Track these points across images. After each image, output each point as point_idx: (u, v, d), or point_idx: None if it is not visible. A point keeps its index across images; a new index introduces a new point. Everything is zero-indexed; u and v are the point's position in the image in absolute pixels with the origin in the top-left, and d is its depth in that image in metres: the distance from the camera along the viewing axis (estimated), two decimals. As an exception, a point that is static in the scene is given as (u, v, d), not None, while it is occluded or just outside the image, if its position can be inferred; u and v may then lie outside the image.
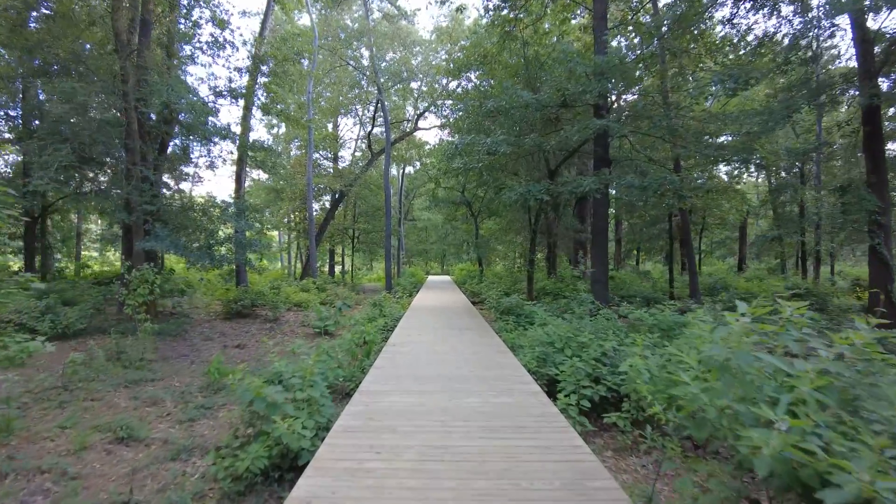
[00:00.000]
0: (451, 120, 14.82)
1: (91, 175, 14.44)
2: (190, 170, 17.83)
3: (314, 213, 31.37)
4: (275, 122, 31.76)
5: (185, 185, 21.56)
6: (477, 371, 6.23)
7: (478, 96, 12.68)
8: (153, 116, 13.30)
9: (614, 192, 14.31)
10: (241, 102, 17.61)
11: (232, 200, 15.16)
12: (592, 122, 9.80)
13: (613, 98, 12.27)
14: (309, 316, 14.16)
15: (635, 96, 13.72)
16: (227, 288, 17.95)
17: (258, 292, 15.46)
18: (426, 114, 29.23)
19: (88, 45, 14.64)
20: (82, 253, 25.25)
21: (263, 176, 33.20)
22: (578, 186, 10.02)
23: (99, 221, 27.91)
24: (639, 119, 11.01)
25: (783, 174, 27.36)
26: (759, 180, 34.74)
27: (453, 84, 20.90)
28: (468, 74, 15.78)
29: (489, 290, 19.18)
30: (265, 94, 17.83)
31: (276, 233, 43.59)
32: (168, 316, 14.74)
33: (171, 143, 15.66)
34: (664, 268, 35.56)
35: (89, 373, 7.64)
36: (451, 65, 14.92)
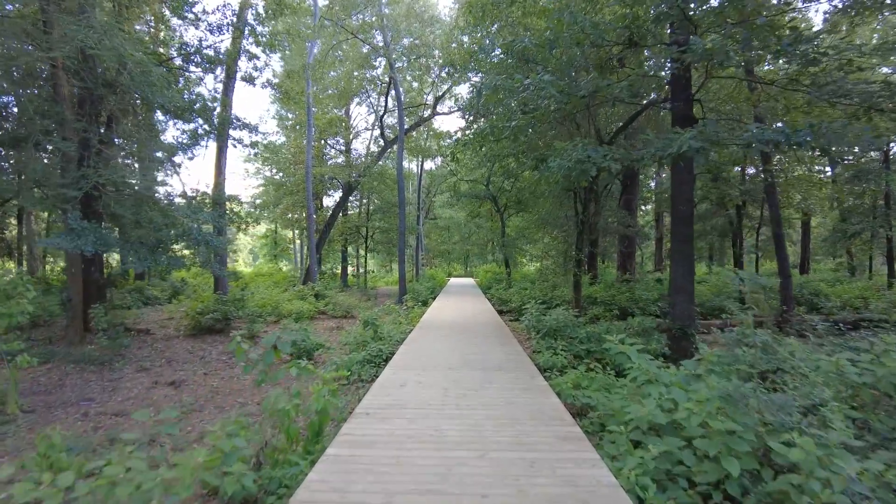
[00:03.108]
0: (469, 80, 11.12)
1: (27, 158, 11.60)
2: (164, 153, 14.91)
3: (317, 210, 28.51)
4: (284, 113, 28.90)
5: (175, 179, 18.77)
6: None
7: (506, 39, 9.14)
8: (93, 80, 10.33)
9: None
10: (221, 73, 14.67)
11: (193, 193, 12.09)
12: (698, 42, 6.26)
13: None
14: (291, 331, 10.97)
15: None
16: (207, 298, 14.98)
17: (234, 302, 12.38)
18: (445, 97, 25.87)
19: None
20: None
21: (267, 172, 30.57)
22: (667, 147, 6.50)
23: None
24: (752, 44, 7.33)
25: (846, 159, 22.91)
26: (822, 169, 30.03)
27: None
28: (491, 28, 12.29)
29: (520, 297, 15.72)
30: (249, 59, 14.74)
31: (289, 232, 41.06)
32: (125, 333, 11.84)
33: (131, 120, 12.72)
34: (708, 269, 31.34)
35: None
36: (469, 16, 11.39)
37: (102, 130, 11.06)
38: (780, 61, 10.36)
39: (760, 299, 15.83)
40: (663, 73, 9.08)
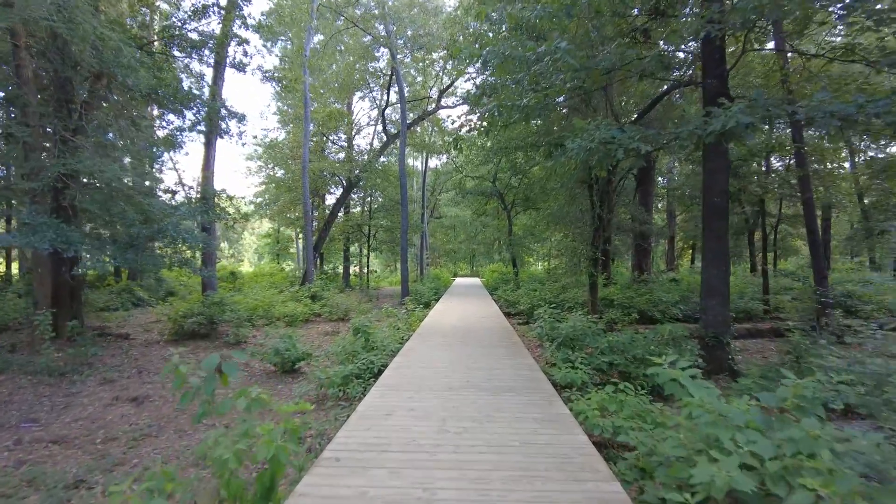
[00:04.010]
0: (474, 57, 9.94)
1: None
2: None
3: (318, 207, 27.49)
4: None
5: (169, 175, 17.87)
6: None
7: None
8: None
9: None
10: (209, 57, 13.70)
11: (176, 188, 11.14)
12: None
13: None
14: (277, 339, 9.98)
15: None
16: (195, 300, 14.04)
17: (216, 304, 11.40)
18: (450, 90, 24.82)
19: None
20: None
21: (269, 170, 29.58)
22: (708, 125, 5.43)
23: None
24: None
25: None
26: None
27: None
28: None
29: (529, 299, 14.64)
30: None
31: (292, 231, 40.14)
32: (100, 338, 10.94)
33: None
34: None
35: None
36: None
37: (74, 118, 10.13)
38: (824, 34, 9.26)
39: (784, 301, 14.67)
40: (693, 46, 8.01)
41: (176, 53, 12.47)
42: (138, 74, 9.12)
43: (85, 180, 9.79)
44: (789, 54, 9.69)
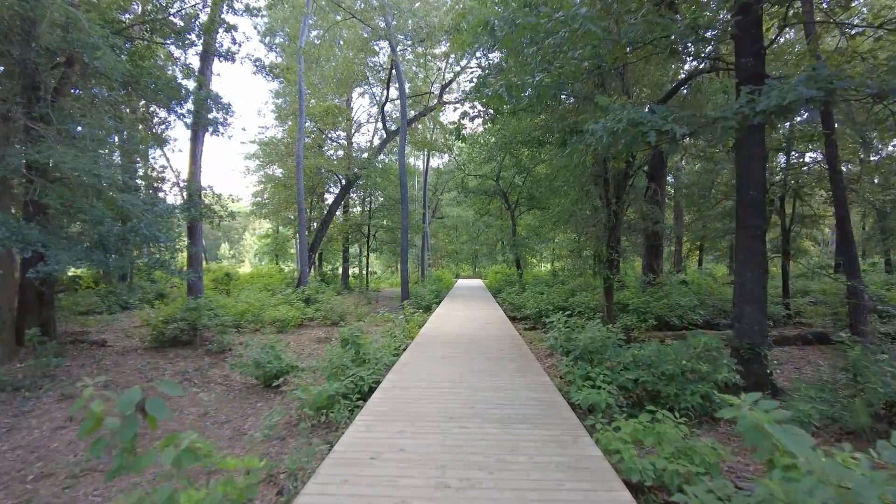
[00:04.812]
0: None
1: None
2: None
3: (316, 205, 26.59)
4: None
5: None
6: None
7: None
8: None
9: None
10: (198, 42, 12.85)
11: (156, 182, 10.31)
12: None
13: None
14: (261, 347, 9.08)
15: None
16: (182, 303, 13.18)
17: (193, 310, 10.52)
18: (452, 84, 23.96)
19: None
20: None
21: (268, 170, 28.72)
22: (759, 102, 4.54)
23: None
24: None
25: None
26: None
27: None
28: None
29: (536, 303, 13.75)
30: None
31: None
32: (74, 345, 10.14)
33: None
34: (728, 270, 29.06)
35: None
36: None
37: (40, 105, 9.27)
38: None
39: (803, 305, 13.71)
40: (722, 23, 7.11)
41: (159, 41, 11.61)
42: (106, 56, 8.26)
43: (58, 174, 8.96)
44: (829, 38, 8.78)
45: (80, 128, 9.34)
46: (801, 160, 15.06)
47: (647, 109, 5.17)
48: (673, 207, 27.26)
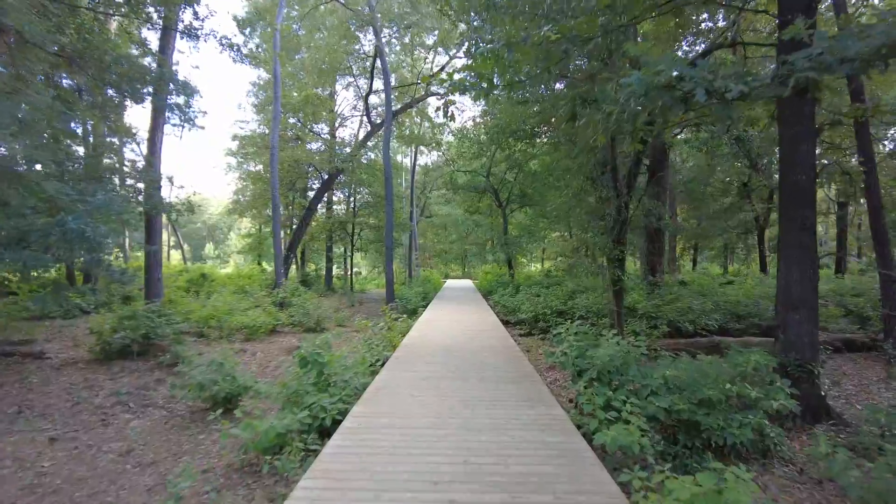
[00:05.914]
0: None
1: None
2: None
3: (293, 203, 25.11)
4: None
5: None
6: None
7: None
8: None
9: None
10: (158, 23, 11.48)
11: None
12: None
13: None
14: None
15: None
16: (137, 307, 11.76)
17: (132, 318, 9.13)
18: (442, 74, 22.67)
19: None
20: None
21: (251, 167, 27.23)
22: (836, 51, 3.42)
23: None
24: None
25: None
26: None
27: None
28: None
29: (532, 306, 12.57)
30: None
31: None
32: (4, 358, 8.75)
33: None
34: (724, 270, 28.22)
35: None
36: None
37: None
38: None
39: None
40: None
41: (109, 12, 10.24)
42: (29, 22, 6.93)
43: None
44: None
45: None
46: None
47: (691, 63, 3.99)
48: (668, 205, 26.31)
